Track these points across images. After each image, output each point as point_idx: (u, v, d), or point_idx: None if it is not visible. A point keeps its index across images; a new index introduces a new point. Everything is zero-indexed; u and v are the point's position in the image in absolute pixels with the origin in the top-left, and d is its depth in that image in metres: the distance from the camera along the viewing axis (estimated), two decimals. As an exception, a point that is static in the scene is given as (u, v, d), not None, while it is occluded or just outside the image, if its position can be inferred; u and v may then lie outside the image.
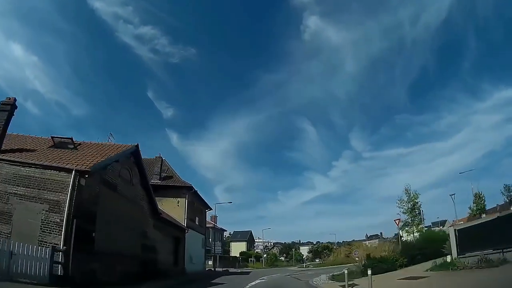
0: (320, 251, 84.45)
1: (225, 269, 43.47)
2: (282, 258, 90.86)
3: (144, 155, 19.23)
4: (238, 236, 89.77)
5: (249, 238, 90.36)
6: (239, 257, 69.59)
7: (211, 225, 49.72)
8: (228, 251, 77.16)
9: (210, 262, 44.87)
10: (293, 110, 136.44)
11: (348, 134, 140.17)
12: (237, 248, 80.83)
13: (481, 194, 38.03)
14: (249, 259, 70.84)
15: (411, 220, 28.65)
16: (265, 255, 75.67)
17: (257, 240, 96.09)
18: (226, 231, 70.16)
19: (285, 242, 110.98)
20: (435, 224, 60.32)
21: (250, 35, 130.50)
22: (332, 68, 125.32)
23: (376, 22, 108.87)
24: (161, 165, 28.18)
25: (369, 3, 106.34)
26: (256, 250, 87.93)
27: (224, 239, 74.92)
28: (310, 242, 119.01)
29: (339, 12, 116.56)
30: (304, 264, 68.55)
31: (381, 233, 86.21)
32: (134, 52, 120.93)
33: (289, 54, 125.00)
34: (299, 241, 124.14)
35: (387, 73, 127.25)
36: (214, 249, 46.09)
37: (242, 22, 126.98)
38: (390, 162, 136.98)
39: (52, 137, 15.40)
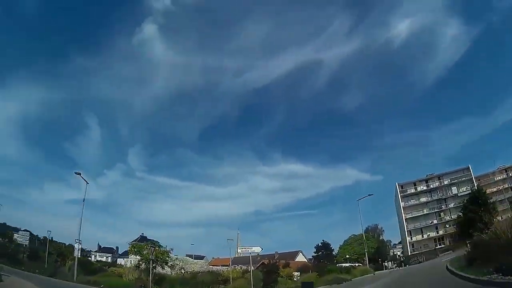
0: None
1: None
2: None
3: None
4: None
5: None
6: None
7: None
8: None
9: None
10: (88, 103, 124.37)
11: (128, 148, 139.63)
12: None
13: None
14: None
15: None
16: None
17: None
18: None
19: None
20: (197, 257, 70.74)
21: (85, 13, 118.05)
22: (142, 79, 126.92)
23: (204, 58, 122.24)
24: None
25: (208, 39, 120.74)
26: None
27: None
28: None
29: (176, 33, 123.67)
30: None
31: (117, 247, 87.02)
32: None
33: (111, 47, 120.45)
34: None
35: (190, 106, 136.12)
36: None
37: None
38: (162, 189, 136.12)
39: None
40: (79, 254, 25.16)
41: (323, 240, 64.93)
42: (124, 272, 29.47)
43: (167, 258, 28.98)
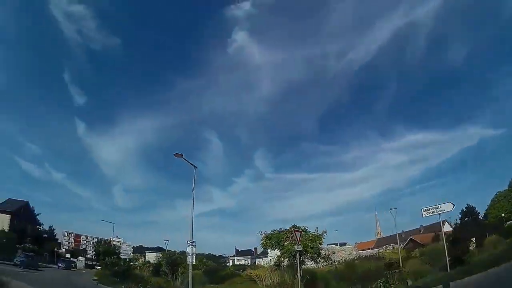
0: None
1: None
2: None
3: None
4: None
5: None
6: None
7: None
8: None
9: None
10: (202, 120, 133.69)
11: (253, 153, 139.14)
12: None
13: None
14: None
15: None
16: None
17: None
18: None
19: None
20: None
21: (176, 38, 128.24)
22: (248, 85, 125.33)
23: (301, 50, 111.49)
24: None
25: (298, 31, 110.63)
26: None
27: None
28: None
29: (267, 33, 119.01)
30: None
31: (255, 248, 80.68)
32: (60, 29, 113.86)
33: (210, 64, 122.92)
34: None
35: (303, 100, 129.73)
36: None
37: (172, 24, 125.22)
38: (291, 185, 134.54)
39: None
40: (194, 260, 18.07)
41: (467, 205, 56.48)
42: (261, 274, 21.55)
43: (318, 246, 19.49)
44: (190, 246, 17.17)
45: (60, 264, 46.83)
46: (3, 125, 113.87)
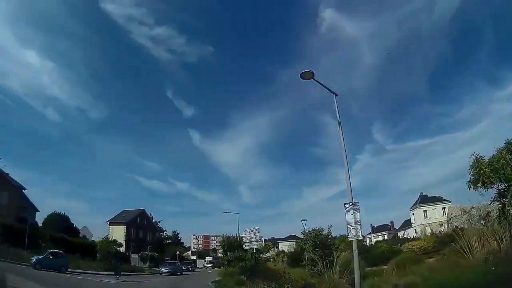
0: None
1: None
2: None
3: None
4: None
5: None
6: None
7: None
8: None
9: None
10: (313, 105, 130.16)
11: (370, 127, 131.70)
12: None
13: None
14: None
15: None
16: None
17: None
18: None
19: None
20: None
21: (266, 30, 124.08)
22: (350, 61, 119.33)
23: (390, 13, 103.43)
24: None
25: None
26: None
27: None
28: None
29: (353, 5, 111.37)
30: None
31: (392, 222, 77.00)
32: (150, 53, 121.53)
33: (307, 48, 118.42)
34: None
35: (405, 63, 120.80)
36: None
37: (258, 17, 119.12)
38: (412, 154, 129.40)
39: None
40: (360, 234, 9.96)
41: None
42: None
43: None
44: (352, 211, 9.37)
45: (163, 269, 37.34)
46: (123, 150, 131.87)
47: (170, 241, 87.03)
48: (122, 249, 53.23)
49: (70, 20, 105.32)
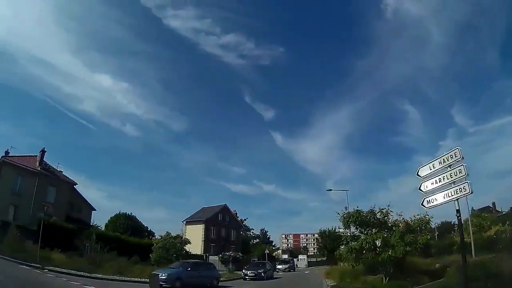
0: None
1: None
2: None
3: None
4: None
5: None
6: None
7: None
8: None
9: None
10: (389, 92, 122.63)
11: (450, 110, 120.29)
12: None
13: None
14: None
15: None
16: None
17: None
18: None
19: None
20: None
21: (332, 24, 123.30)
22: (419, 42, 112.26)
23: None
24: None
25: None
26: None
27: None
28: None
29: None
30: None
31: (493, 203, 57.50)
32: (222, 61, 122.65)
33: (375, 36, 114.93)
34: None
35: (476, 37, 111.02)
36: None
37: (322, 12, 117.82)
38: (495, 134, 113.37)
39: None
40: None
41: None
42: None
43: None
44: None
45: (248, 273, 28.02)
46: (207, 157, 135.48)
47: (257, 240, 78.89)
48: (199, 251, 46.59)
49: (137, 41, 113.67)
